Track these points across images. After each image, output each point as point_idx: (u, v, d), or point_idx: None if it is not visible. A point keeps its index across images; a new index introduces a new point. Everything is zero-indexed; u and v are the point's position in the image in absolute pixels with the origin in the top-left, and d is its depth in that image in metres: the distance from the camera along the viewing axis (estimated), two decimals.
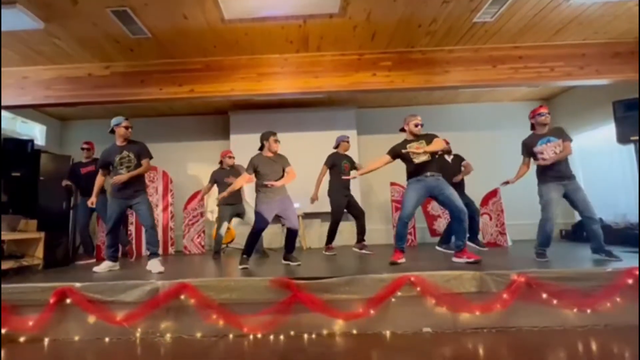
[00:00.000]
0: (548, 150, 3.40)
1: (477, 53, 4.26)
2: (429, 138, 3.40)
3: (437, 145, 3.29)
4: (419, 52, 4.30)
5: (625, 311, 2.60)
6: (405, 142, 3.47)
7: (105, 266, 3.51)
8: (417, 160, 3.36)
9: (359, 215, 4.50)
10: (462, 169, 4.65)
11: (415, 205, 3.39)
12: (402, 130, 3.57)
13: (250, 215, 4.58)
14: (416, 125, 3.47)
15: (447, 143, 4.61)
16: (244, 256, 3.50)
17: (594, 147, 5.72)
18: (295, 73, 4.38)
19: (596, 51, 4.25)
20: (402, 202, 3.42)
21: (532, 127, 3.59)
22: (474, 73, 4.23)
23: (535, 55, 4.24)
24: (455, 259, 3.31)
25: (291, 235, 3.65)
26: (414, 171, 3.40)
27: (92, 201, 3.65)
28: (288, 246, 3.68)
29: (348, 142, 4.62)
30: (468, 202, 4.38)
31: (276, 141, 3.59)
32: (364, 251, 4.40)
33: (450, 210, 3.35)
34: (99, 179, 3.67)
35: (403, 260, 3.36)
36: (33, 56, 4.12)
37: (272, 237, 5.75)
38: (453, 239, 4.12)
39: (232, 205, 4.52)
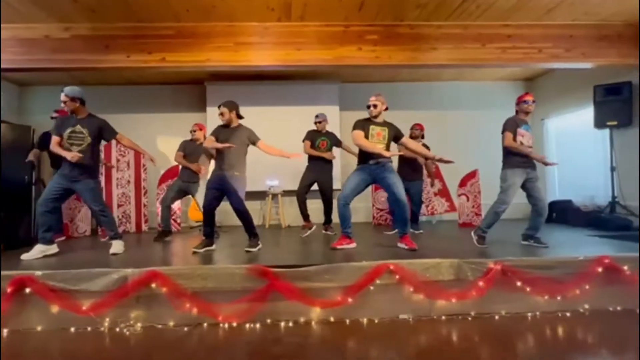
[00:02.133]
0: (526, 137, 3.38)
1: (466, 30, 4.10)
2: (392, 129, 3.35)
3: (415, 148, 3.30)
4: (407, 26, 4.09)
5: (593, 298, 2.70)
6: (369, 122, 3.35)
7: (36, 251, 3.10)
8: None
9: (325, 198, 4.44)
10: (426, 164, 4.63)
11: (355, 190, 3.33)
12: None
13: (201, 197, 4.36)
14: (368, 107, 3.35)
15: (422, 128, 4.52)
16: (203, 237, 3.32)
17: (570, 129, 5.80)
18: (276, 44, 4.10)
19: (584, 33, 4.17)
20: (344, 185, 3.38)
21: (516, 112, 3.52)
22: (462, 52, 4.09)
23: (524, 35, 4.12)
24: (399, 244, 3.33)
25: (240, 217, 3.28)
26: (363, 156, 3.34)
27: (74, 156, 3.05)
28: (246, 231, 3.36)
29: (321, 122, 4.43)
30: (416, 192, 4.49)
31: (220, 114, 3.32)
32: (327, 232, 4.43)
33: (390, 198, 3.35)
34: (54, 147, 3.16)
35: (351, 245, 3.33)
36: None
37: None
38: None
39: (184, 182, 4.28)
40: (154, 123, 6.10)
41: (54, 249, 3.24)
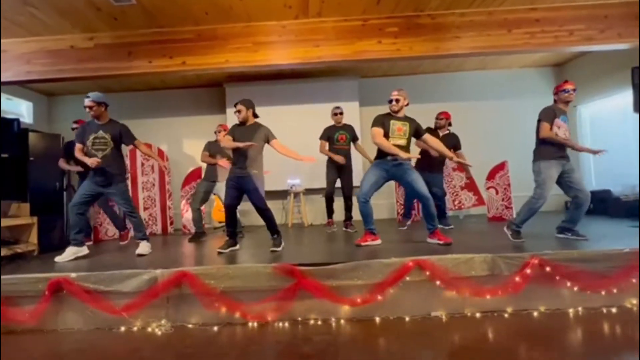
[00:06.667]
0: (563, 129, 3.19)
1: (490, 16, 3.92)
2: (413, 125, 3.28)
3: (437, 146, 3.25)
4: (427, 16, 3.97)
5: None
6: (390, 117, 3.28)
7: (69, 253, 3.21)
8: (393, 141, 3.18)
9: (345, 195, 4.42)
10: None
11: (373, 187, 3.25)
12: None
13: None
14: (389, 102, 3.27)
15: (448, 117, 4.39)
16: (227, 238, 3.33)
17: (606, 115, 5.49)
18: (294, 42, 4.06)
19: (619, 12, 3.91)
20: (361, 181, 3.31)
21: (555, 101, 3.34)
22: (487, 39, 3.92)
23: (553, 17, 3.90)
24: (428, 240, 3.25)
25: (261, 215, 3.24)
26: (381, 151, 3.25)
27: (93, 161, 3.10)
28: (268, 229, 3.31)
29: (336, 114, 4.42)
30: (439, 185, 4.38)
31: (237, 111, 3.29)
32: (348, 229, 4.38)
33: (413, 195, 3.29)
34: (78, 154, 3.26)
35: (376, 242, 3.28)
36: (10, 27, 3.79)
37: None
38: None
39: (209, 182, 4.42)
40: (176, 126, 6.21)
41: (84, 250, 3.36)
